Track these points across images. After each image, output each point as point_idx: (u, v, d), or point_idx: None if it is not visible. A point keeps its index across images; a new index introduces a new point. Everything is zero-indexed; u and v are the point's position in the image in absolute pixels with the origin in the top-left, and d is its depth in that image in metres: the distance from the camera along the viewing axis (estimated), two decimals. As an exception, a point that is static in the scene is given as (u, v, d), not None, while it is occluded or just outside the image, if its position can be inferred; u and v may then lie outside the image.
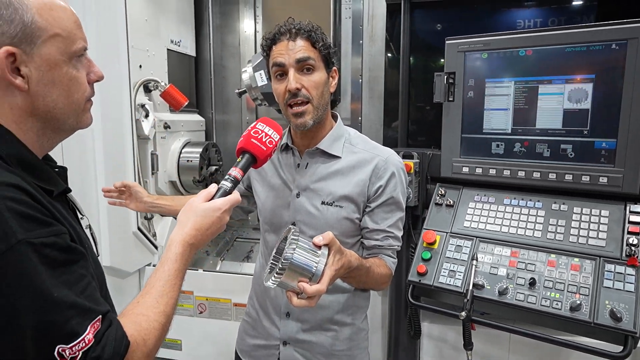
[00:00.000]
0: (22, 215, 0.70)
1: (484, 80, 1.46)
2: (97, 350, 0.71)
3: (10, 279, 0.67)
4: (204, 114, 2.96)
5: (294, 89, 1.20)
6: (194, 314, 2.30)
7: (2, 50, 0.74)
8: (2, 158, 0.77)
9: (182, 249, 0.88)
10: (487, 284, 1.37)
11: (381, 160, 1.29)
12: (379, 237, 1.29)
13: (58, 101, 0.82)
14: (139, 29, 2.29)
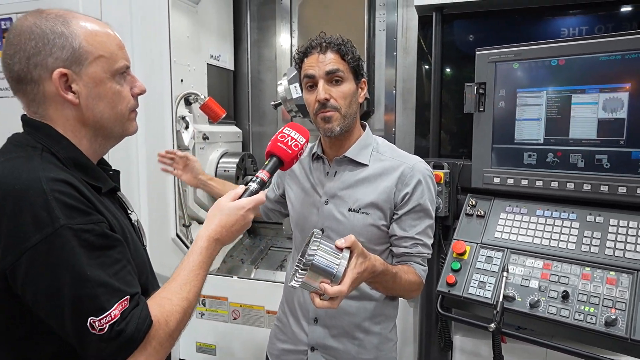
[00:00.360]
0: (66, 205, 0.82)
1: (515, 90, 1.45)
2: (122, 324, 0.81)
3: (53, 257, 0.80)
4: (241, 125, 3.06)
5: (322, 99, 1.26)
6: (228, 319, 2.36)
7: (56, 72, 0.88)
8: (60, 160, 0.90)
9: (207, 243, 0.97)
10: (518, 296, 1.35)
11: (407, 167, 1.30)
12: (408, 244, 1.29)
13: (104, 112, 0.96)
14: (181, 45, 2.42)
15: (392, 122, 2.81)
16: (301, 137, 1.15)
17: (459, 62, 1.82)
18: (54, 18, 0.90)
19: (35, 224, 0.79)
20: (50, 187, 0.81)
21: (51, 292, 0.80)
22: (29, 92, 0.91)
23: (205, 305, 2.37)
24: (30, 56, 0.88)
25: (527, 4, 1.63)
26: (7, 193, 0.81)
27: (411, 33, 2.76)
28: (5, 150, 0.92)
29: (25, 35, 0.88)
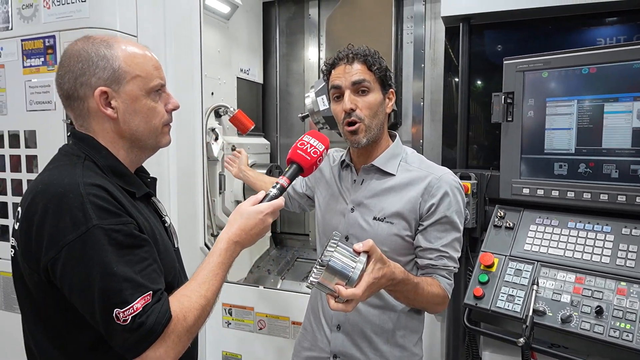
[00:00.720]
0: (99, 207, 0.91)
1: (545, 99, 1.42)
2: (143, 317, 0.88)
3: (86, 253, 0.89)
4: (269, 137, 3.10)
5: (348, 109, 1.28)
6: (254, 329, 2.36)
7: (97, 90, 0.99)
8: (100, 167, 1.01)
9: (227, 245, 1.04)
10: (549, 310, 1.30)
11: (434, 178, 1.29)
12: (433, 256, 1.28)
13: (139, 126, 1.05)
14: (212, 59, 2.49)
15: (420, 134, 2.79)
16: (320, 144, 1.18)
17: (487, 72, 1.80)
18: (98, 42, 1.02)
19: (72, 223, 0.89)
20: (87, 191, 0.91)
21: (83, 285, 0.89)
22: (76, 108, 1.03)
23: (231, 315, 2.38)
24: (77, 76, 1.00)
25: (559, 12, 1.60)
26: (52, 195, 0.92)
27: (439, 45, 2.75)
28: (55, 159, 1.05)
29: (74, 58, 1.00)
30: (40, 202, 0.92)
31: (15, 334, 1.15)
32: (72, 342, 0.99)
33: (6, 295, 2.27)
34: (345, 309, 1.01)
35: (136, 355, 0.90)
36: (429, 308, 1.31)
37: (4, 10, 2.13)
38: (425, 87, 2.77)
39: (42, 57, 2.06)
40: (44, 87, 2.06)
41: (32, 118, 2.10)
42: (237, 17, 2.70)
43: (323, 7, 2.95)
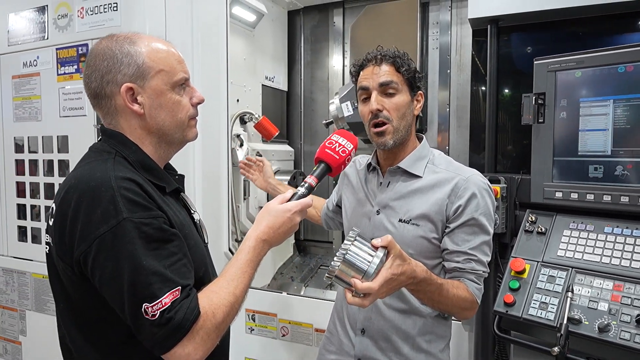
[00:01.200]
0: (129, 200, 0.92)
1: (578, 100, 1.37)
2: (172, 312, 0.88)
3: (116, 246, 0.89)
4: (293, 144, 3.11)
5: (375, 110, 1.27)
6: (277, 336, 2.35)
7: (123, 87, 1.00)
8: (130, 163, 1.02)
9: (255, 243, 1.03)
10: (585, 318, 1.24)
11: (462, 179, 1.26)
12: (460, 259, 1.25)
13: (166, 120, 1.06)
14: (238, 67, 2.52)
15: (446, 140, 2.75)
16: (349, 143, 1.17)
17: (515, 75, 1.76)
18: (122, 40, 1.03)
19: (104, 216, 0.90)
20: (118, 184, 0.92)
21: (113, 277, 0.89)
22: (104, 106, 1.04)
23: (254, 321, 2.38)
24: (103, 75, 1.01)
25: (591, 12, 1.56)
26: (84, 189, 0.93)
27: (465, 50, 2.72)
28: (87, 156, 1.07)
29: (99, 57, 1.02)
30: (74, 196, 0.94)
31: (46, 335, 1.17)
32: (104, 337, 0.99)
33: (37, 296, 2.32)
34: (362, 303, 1.00)
35: (164, 351, 0.89)
36: (456, 313, 1.27)
37: (41, 21, 2.22)
38: (451, 93, 2.74)
39: (75, 65, 2.12)
40: (77, 93, 2.12)
41: (65, 124, 2.17)
42: (263, 25, 2.73)
43: (347, 14, 2.96)
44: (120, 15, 2.01)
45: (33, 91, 2.25)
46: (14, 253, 2.39)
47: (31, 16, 2.24)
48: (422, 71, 2.77)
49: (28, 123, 2.28)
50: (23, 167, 2.30)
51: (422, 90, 1.34)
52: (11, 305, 2.41)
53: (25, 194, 2.30)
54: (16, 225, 2.35)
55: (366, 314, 1.33)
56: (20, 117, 2.30)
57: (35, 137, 2.26)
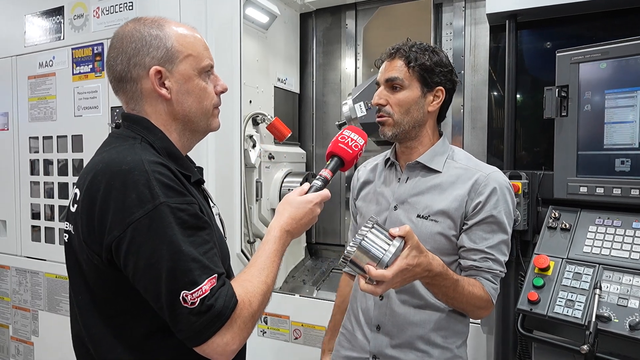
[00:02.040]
0: (165, 184, 0.89)
1: (603, 91, 1.34)
2: (212, 299, 0.85)
3: (153, 231, 0.85)
4: (305, 146, 3.10)
5: (376, 104, 1.30)
6: (289, 339, 2.32)
7: (152, 69, 0.97)
8: (156, 149, 0.98)
9: (280, 233, 1.01)
10: (615, 316, 1.20)
11: (482, 175, 1.25)
12: (477, 257, 1.22)
13: (192, 106, 1.03)
14: (251, 68, 2.52)
15: (460, 141, 2.72)
16: (360, 138, 1.17)
17: (533, 71, 1.73)
18: (150, 23, 1.01)
19: (139, 200, 0.86)
20: (152, 168, 0.89)
21: (150, 264, 0.85)
22: (129, 90, 1.00)
23: (266, 323, 2.35)
24: (130, 57, 0.97)
25: (612, 6, 1.53)
26: (115, 173, 0.89)
27: (479, 51, 2.70)
28: (109, 142, 1.02)
29: (126, 39, 0.98)
30: (103, 180, 0.89)
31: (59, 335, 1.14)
32: (128, 330, 0.96)
33: (50, 296, 2.31)
34: (375, 291, 1.00)
35: (201, 341, 0.86)
36: (470, 311, 1.25)
37: (57, 21, 2.24)
38: (465, 95, 2.72)
39: (91, 64, 2.13)
40: (92, 92, 2.13)
41: (79, 123, 2.18)
42: (276, 27, 2.74)
43: (360, 17, 2.96)
44: (135, 14, 2.02)
45: (48, 91, 2.27)
46: (27, 253, 2.39)
47: (47, 17, 2.26)
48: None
49: (43, 123, 2.29)
50: (37, 167, 2.31)
51: (442, 86, 1.29)
52: (24, 306, 2.41)
53: (40, 193, 2.30)
54: (30, 225, 2.35)
55: (381, 310, 1.31)
56: (36, 117, 2.32)
57: (50, 136, 2.27)
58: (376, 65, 1.37)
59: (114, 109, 2.05)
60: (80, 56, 2.16)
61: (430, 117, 1.32)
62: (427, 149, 1.31)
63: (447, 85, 1.30)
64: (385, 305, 1.30)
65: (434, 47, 1.31)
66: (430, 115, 1.32)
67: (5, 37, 2.42)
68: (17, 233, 2.40)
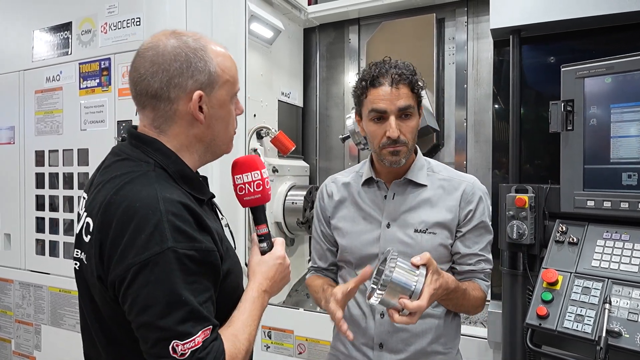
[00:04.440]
0: (176, 228, 0.85)
1: (609, 106, 1.34)
2: (203, 353, 0.83)
3: (155, 274, 0.83)
4: (308, 160, 3.11)
5: (395, 137, 1.25)
6: (293, 354, 2.29)
7: (196, 93, 0.94)
8: (169, 174, 0.95)
9: (257, 294, 1.01)
10: (625, 331, 1.19)
11: (469, 185, 1.33)
12: (472, 261, 1.32)
13: (220, 131, 1.01)
14: (255, 82, 2.55)
15: (464, 155, 2.73)
16: (254, 172, 1.06)
17: (537, 85, 1.75)
18: (193, 42, 0.95)
19: (147, 242, 0.83)
20: (166, 208, 0.86)
21: (146, 305, 0.83)
22: (161, 109, 0.95)
23: (270, 338, 2.33)
24: (172, 77, 0.92)
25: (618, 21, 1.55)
26: (128, 209, 0.86)
27: (482, 65, 2.72)
28: (119, 167, 0.96)
29: (169, 56, 0.92)
30: (116, 215, 0.87)
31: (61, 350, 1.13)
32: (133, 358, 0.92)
33: (53, 310, 2.30)
34: (410, 321, 1.04)
35: None
36: (471, 311, 1.36)
37: (65, 36, 2.27)
38: (469, 108, 2.73)
39: (98, 79, 2.16)
40: (98, 107, 2.15)
41: (85, 137, 2.19)
42: (280, 42, 2.77)
43: (363, 31, 2.99)
44: (142, 30, 2.05)
45: (55, 105, 2.28)
46: (31, 266, 2.38)
47: (55, 32, 2.29)
48: (439, 86, 2.77)
49: (49, 136, 2.30)
50: (43, 180, 2.32)
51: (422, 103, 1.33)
52: (27, 320, 2.39)
53: (45, 207, 2.31)
54: (34, 239, 2.35)
55: (383, 327, 1.31)
56: (42, 130, 2.33)
57: (56, 150, 2.28)
58: (364, 87, 1.28)
59: (120, 122, 2.06)
60: (87, 71, 2.18)
61: None
62: (408, 165, 1.34)
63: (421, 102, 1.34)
64: (388, 323, 1.30)
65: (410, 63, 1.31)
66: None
67: (13, 52, 2.45)
68: (21, 246, 2.40)
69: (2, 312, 2.48)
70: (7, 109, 2.45)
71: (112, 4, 2.10)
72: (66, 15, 2.25)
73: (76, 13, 2.22)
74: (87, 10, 2.18)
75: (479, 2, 2.67)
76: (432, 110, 2.67)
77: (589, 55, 1.48)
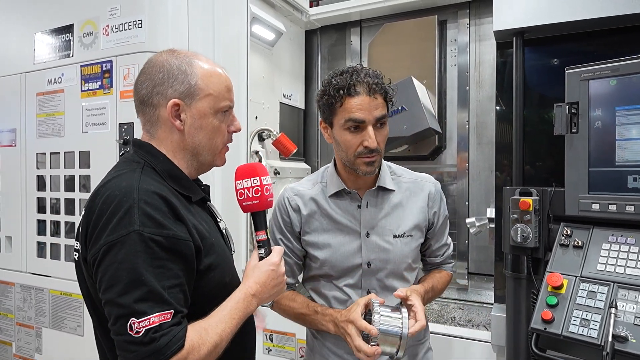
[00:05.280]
0: (146, 214, 0.93)
1: (614, 108, 1.33)
2: (157, 334, 0.86)
3: (121, 254, 0.90)
4: (310, 162, 3.11)
5: (375, 147, 1.25)
6: (295, 357, 2.28)
7: (171, 102, 1.04)
8: (158, 172, 1.05)
9: (244, 296, 1.04)
10: (632, 336, 1.17)
11: (431, 185, 1.45)
12: (441, 252, 1.52)
13: (202, 141, 1.09)
14: (257, 84, 2.54)
15: (466, 157, 2.72)
16: (254, 178, 1.10)
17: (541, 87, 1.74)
18: (182, 57, 1.07)
19: (117, 225, 0.91)
20: (140, 197, 0.94)
21: (110, 285, 0.89)
22: (147, 113, 1.08)
23: (272, 341, 2.32)
24: (155, 85, 1.05)
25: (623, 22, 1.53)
26: (107, 197, 0.96)
27: (484, 67, 2.71)
28: (117, 166, 1.10)
29: (156, 68, 1.06)
30: (97, 204, 0.96)
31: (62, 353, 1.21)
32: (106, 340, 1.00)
33: (54, 313, 2.29)
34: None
35: None
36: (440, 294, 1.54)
37: (66, 39, 2.26)
38: (471, 110, 2.73)
39: (99, 81, 2.15)
40: (100, 109, 2.14)
41: (87, 139, 2.18)
42: (281, 44, 2.77)
43: (365, 33, 2.99)
44: (144, 32, 2.04)
45: (57, 107, 2.28)
46: (32, 269, 2.38)
47: (57, 35, 2.29)
48: (441, 88, 2.76)
49: (51, 139, 2.30)
50: (44, 183, 2.31)
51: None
52: (28, 323, 2.38)
53: (46, 209, 2.30)
54: (35, 241, 2.34)
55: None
56: (44, 133, 2.33)
57: (57, 152, 2.27)
58: (340, 95, 1.25)
59: (122, 125, 2.06)
60: (89, 73, 2.18)
61: None
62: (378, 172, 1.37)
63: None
64: None
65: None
66: None
67: (14, 54, 2.45)
68: (22, 249, 2.39)
69: (3, 315, 2.47)
70: (9, 111, 2.45)
71: (114, 6, 2.09)
72: (68, 17, 2.25)
73: (78, 15, 2.21)
74: (88, 12, 2.18)
75: (481, 4, 2.66)
76: (434, 113, 2.66)
77: (593, 57, 1.47)
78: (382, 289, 1.37)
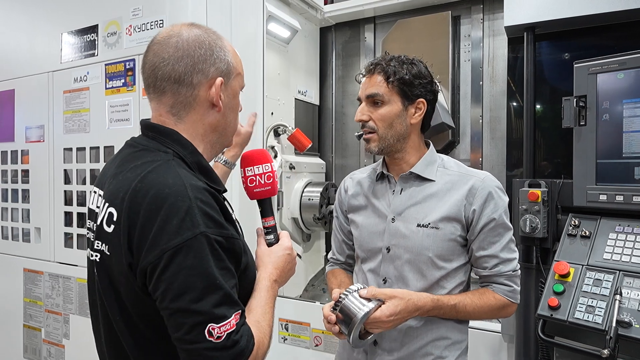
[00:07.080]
0: (206, 214, 0.87)
1: (621, 101, 1.36)
2: (237, 335, 0.84)
3: (190, 259, 0.83)
4: (324, 157, 3.16)
5: (358, 120, 1.32)
6: (310, 346, 2.34)
7: (219, 79, 0.97)
8: (188, 164, 0.96)
9: (270, 283, 1.02)
10: (636, 322, 1.21)
11: (478, 180, 1.29)
12: (488, 265, 1.28)
13: (232, 122, 1.05)
14: (272, 81, 2.60)
15: (479, 151, 2.74)
16: (265, 165, 1.09)
17: (551, 81, 1.76)
18: (212, 33, 1.00)
19: (179, 227, 0.83)
20: (194, 195, 0.87)
21: (181, 292, 0.82)
22: (182, 94, 0.96)
23: (287, 330, 2.38)
24: (196, 62, 0.95)
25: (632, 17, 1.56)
26: (156, 196, 0.86)
27: (497, 62, 2.73)
28: (139, 156, 0.96)
29: (194, 43, 0.96)
30: (144, 203, 0.86)
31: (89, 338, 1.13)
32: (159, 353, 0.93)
33: (81, 300, 2.40)
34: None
35: None
36: (487, 318, 1.35)
37: (91, 39, 2.36)
38: (484, 105, 2.75)
39: (123, 79, 2.24)
40: (123, 105, 2.23)
41: (111, 134, 2.28)
42: (296, 41, 2.82)
43: (379, 29, 3.03)
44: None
45: (82, 104, 2.38)
46: (59, 259, 2.49)
47: (82, 35, 2.39)
48: (455, 83, 2.79)
49: (77, 135, 2.40)
50: (71, 176, 2.42)
51: (422, 98, 1.31)
52: (56, 309, 2.50)
53: (73, 201, 2.41)
54: (63, 232, 2.46)
55: None
56: (70, 129, 2.43)
57: (83, 147, 2.38)
58: (357, 81, 1.38)
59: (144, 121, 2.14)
60: (112, 71, 2.27)
61: (414, 129, 1.34)
62: (417, 160, 1.34)
63: (427, 96, 1.31)
64: None
65: (413, 58, 1.32)
66: (414, 127, 1.33)
67: (42, 54, 2.56)
68: (50, 240, 2.51)
69: (32, 302, 2.59)
70: (37, 108, 2.56)
71: (137, 7, 2.18)
72: (93, 18, 2.34)
73: (102, 16, 2.31)
74: (112, 13, 2.27)
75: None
76: (448, 108, 2.69)
77: (602, 51, 1.50)
78: (397, 280, 1.33)
